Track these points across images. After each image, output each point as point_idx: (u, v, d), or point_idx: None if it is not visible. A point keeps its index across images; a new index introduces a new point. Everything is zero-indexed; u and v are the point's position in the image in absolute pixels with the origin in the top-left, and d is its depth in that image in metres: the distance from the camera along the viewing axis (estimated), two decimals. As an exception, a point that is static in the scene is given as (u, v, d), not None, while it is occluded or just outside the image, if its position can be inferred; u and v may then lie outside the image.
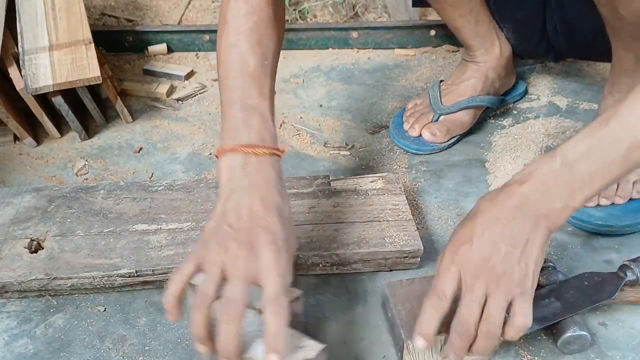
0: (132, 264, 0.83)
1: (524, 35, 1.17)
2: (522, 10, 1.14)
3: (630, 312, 0.83)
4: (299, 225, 0.88)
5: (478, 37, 1.12)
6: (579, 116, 1.22)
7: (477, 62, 1.15)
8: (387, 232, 0.88)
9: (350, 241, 0.86)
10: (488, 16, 1.13)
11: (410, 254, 0.86)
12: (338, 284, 0.87)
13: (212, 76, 1.37)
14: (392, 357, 0.77)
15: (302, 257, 0.84)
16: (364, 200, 0.93)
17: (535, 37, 1.18)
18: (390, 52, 1.45)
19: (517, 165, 1.09)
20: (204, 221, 0.89)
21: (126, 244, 0.86)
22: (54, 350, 0.78)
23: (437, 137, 1.10)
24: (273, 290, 0.61)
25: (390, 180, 0.97)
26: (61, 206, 0.93)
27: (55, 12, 1.22)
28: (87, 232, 0.88)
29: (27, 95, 1.09)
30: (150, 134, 1.19)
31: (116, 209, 0.92)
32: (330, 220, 0.90)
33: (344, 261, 0.86)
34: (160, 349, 0.78)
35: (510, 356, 0.77)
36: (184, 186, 0.96)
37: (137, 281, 0.84)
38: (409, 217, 0.90)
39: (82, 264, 0.83)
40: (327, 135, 1.19)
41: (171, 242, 0.86)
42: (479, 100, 1.13)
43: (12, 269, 0.82)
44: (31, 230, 0.88)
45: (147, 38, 1.43)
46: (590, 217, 0.93)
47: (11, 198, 0.94)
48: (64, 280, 0.82)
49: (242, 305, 0.60)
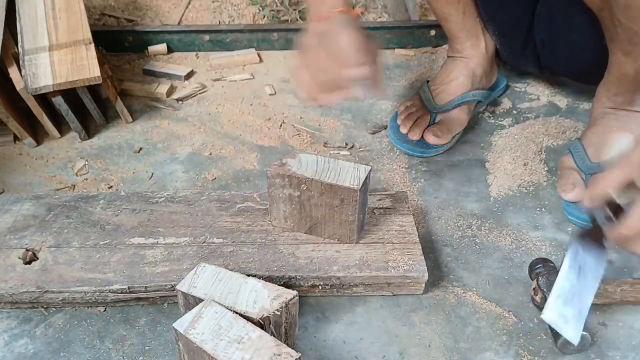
0: (125, 280, 0.81)
1: (508, 40, 1.18)
2: (507, 14, 1.14)
3: (630, 312, 0.83)
4: (300, 244, 0.86)
5: (465, 30, 1.13)
6: (579, 116, 1.22)
7: (463, 57, 1.16)
8: (391, 255, 0.85)
9: (352, 264, 0.83)
10: (476, 12, 1.13)
11: (414, 279, 0.83)
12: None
13: (212, 76, 1.37)
14: (392, 357, 0.77)
15: (300, 278, 0.82)
16: (369, 220, 0.91)
17: (518, 44, 1.18)
18: (390, 52, 1.45)
19: (517, 165, 1.09)
20: (202, 236, 0.87)
21: (121, 258, 0.84)
22: (54, 350, 0.78)
23: (441, 139, 1.11)
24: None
25: (399, 199, 0.94)
26: (59, 215, 0.91)
27: (55, 12, 1.22)
28: (83, 243, 0.87)
29: (27, 95, 1.09)
30: (150, 134, 1.19)
31: (114, 220, 0.91)
32: (332, 240, 0.88)
33: (345, 284, 0.84)
34: (160, 349, 0.78)
35: (510, 356, 0.77)
36: (185, 198, 0.95)
37: (129, 297, 0.82)
38: (415, 239, 0.87)
39: (75, 278, 0.81)
40: (327, 135, 1.19)
41: (167, 257, 0.84)
42: (472, 96, 1.14)
43: (4, 280, 0.81)
44: (27, 240, 0.87)
45: (147, 38, 1.43)
46: None
47: (10, 205, 0.93)
48: (55, 294, 0.80)
49: None
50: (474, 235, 0.95)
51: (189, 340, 0.65)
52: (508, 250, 0.93)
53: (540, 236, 0.95)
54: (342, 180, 0.80)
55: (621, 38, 0.88)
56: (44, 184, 1.06)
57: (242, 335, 0.65)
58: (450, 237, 0.95)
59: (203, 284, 0.73)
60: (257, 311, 0.69)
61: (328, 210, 0.83)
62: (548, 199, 1.02)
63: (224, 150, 1.14)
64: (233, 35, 1.44)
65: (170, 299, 0.83)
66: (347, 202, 0.81)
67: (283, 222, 0.88)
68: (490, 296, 0.86)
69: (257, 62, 1.42)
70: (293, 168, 0.83)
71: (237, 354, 0.63)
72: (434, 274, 0.88)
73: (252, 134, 1.19)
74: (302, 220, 0.87)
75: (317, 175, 0.81)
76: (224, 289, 0.72)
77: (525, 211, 1.00)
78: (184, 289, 0.73)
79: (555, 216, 0.99)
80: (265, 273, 0.81)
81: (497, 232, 0.96)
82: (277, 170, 0.83)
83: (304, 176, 0.81)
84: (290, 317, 0.72)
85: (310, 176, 0.81)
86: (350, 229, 0.84)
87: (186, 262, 0.83)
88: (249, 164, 1.11)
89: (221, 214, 0.91)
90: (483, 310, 0.83)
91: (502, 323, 0.82)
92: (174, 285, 0.79)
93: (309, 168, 0.83)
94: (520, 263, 0.90)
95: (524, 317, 0.82)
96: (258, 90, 1.33)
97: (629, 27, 0.85)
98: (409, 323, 0.82)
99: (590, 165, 0.97)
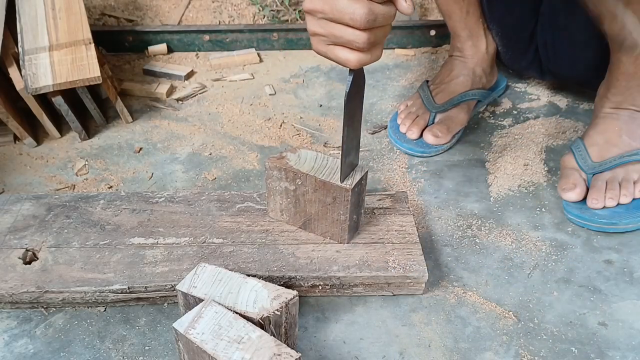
0: (125, 280, 0.81)
1: (511, 42, 1.18)
2: (513, 16, 1.15)
3: (630, 312, 0.83)
4: (300, 244, 0.86)
5: (467, 29, 1.14)
6: (579, 116, 1.22)
7: (464, 57, 1.16)
8: (391, 256, 0.85)
9: (352, 264, 0.83)
10: (479, 12, 1.14)
11: (415, 279, 0.83)
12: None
13: (212, 76, 1.37)
14: (392, 357, 0.77)
15: (300, 278, 0.82)
16: (370, 220, 0.90)
17: (521, 46, 1.19)
18: (390, 52, 1.45)
19: (517, 165, 1.09)
20: (202, 236, 0.87)
21: (121, 258, 0.84)
22: (54, 350, 0.78)
23: (441, 139, 1.11)
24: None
25: (399, 199, 0.94)
26: (59, 215, 0.91)
27: (55, 12, 1.22)
28: (83, 243, 0.87)
29: (27, 95, 1.09)
30: (150, 134, 1.19)
31: (114, 221, 0.90)
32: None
33: (345, 284, 0.84)
34: (160, 349, 0.78)
35: (510, 356, 0.77)
36: (185, 198, 0.94)
37: (129, 297, 0.82)
38: (415, 239, 0.87)
39: (75, 278, 0.81)
40: (327, 135, 1.19)
41: (167, 257, 0.84)
42: (471, 95, 1.15)
43: (4, 280, 0.81)
44: (27, 240, 0.87)
45: (147, 38, 1.43)
46: (594, 215, 0.93)
47: (10, 205, 0.93)
48: (55, 294, 0.80)
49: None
50: (474, 235, 0.95)
51: (189, 340, 0.65)
52: (508, 250, 0.93)
53: (540, 236, 0.95)
54: (336, 178, 0.80)
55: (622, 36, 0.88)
56: (44, 184, 1.06)
57: (242, 335, 0.65)
58: (450, 237, 0.95)
59: (203, 284, 0.73)
60: (257, 311, 0.69)
61: (321, 207, 0.84)
62: (548, 199, 1.02)
63: (224, 150, 1.14)
64: (233, 35, 1.44)
65: (170, 299, 0.83)
66: (339, 201, 0.81)
67: (279, 215, 0.89)
68: (490, 296, 0.86)
69: (257, 62, 1.42)
70: (291, 162, 0.83)
71: (237, 354, 0.63)
72: (434, 274, 0.88)
73: (252, 134, 1.19)
74: (297, 215, 0.87)
75: (313, 171, 0.82)
76: (224, 289, 0.72)
77: (525, 211, 1.00)
78: (184, 289, 0.73)
79: (555, 216, 0.99)
80: (265, 273, 0.81)
81: (497, 232, 0.96)
82: (275, 162, 0.83)
83: (300, 171, 0.82)
84: (290, 317, 0.72)
85: (305, 171, 0.81)
86: (342, 229, 0.84)
87: (186, 262, 0.83)
88: (249, 164, 1.11)
89: (221, 214, 0.91)
90: (483, 310, 0.83)
91: (502, 323, 0.82)
92: (174, 285, 0.79)
93: (306, 163, 0.83)
94: (520, 263, 0.90)
95: (524, 317, 0.82)
96: (258, 90, 1.33)
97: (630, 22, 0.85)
98: (409, 323, 0.82)
99: (591, 165, 0.97)
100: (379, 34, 0.64)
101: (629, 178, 0.95)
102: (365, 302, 0.85)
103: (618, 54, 0.92)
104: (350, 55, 0.65)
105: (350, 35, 0.63)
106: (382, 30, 0.65)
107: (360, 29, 0.62)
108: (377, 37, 0.64)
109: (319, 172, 0.81)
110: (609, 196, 0.93)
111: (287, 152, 0.85)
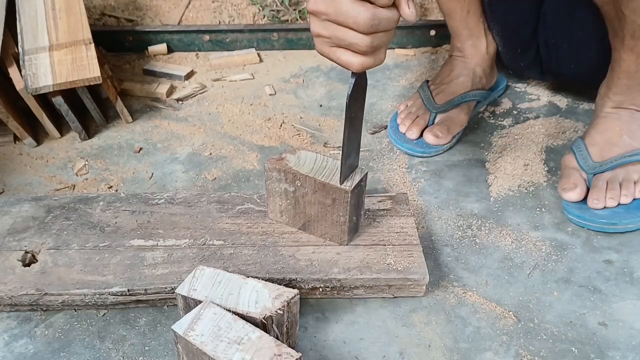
0: (125, 282, 0.80)
1: (512, 42, 1.18)
2: (514, 16, 1.15)
3: (630, 312, 0.83)
4: (301, 245, 0.86)
5: (467, 29, 1.14)
6: (579, 116, 1.22)
7: (464, 56, 1.16)
8: (391, 257, 0.84)
9: (353, 266, 0.83)
10: (480, 12, 1.14)
11: (416, 281, 0.82)
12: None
13: (212, 76, 1.37)
14: (392, 357, 0.77)
15: (300, 280, 0.82)
16: (370, 222, 0.90)
17: (522, 46, 1.19)
18: (390, 52, 1.45)
19: (517, 165, 1.09)
20: (202, 238, 0.87)
21: (120, 260, 0.84)
22: (54, 350, 0.78)
23: (441, 139, 1.11)
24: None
25: (400, 201, 0.94)
26: (59, 217, 0.91)
27: (55, 12, 1.22)
28: (83, 245, 0.86)
29: (27, 95, 1.09)
30: (150, 134, 1.19)
31: (114, 222, 0.90)
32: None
33: (345, 286, 0.83)
34: (160, 349, 0.78)
35: (510, 356, 0.77)
36: (185, 200, 0.94)
37: (129, 300, 0.82)
38: (416, 241, 0.86)
39: (74, 280, 0.81)
40: (327, 135, 1.19)
41: (167, 259, 0.84)
42: (472, 96, 1.15)
43: (3, 282, 0.81)
44: (26, 241, 0.87)
45: (147, 38, 1.43)
46: (594, 215, 0.93)
47: (10, 207, 0.93)
48: (55, 297, 0.80)
49: None
50: (474, 235, 0.95)
51: (188, 342, 0.65)
52: (508, 250, 0.93)
53: (540, 236, 0.95)
54: (335, 180, 0.80)
55: (624, 32, 0.88)
56: (44, 184, 1.06)
57: (242, 336, 0.65)
58: (450, 237, 0.95)
59: (203, 287, 0.73)
60: (259, 311, 0.69)
61: (321, 209, 0.83)
62: (548, 199, 1.02)
63: (224, 150, 1.14)
64: (233, 35, 1.44)
65: (170, 302, 0.83)
66: (339, 203, 0.81)
67: (279, 216, 0.89)
68: (490, 296, 0.86)
69: (257, 62, 1.42)
70: (290, 163, 0.83)
71: (237, 355, 0.63)
72: (434, 274, 0.88)
73: (252, 134, 1.19)
74: (297, 216, 0.87)
75: (313, 172, 0.81)
76: (224, 290, 0.72)
77: (525, 211, 1.00)
78: (184, 292, 0.72)
79: (555, 216, 0.99)
80: (265, 275, 0.81)
81: (497, 232, 0.96)
82: (274, 164, 0.83)
83: (299, 172, 0.82)
84: (291, 316, 0.72)
85: (305, 173, 0.81)
86: (342, 230, 0.84)
87: (186, 265, 0.83)
88: (249, 164, 1.11)
89: (221, 216, 0.91)
90: (483, 310, 0.83)
91: (502, 323, 0.82)
92: (174, 288, 0.79)
93: (306, 165, 0.83)
94: (520, 263, 0.90)
95: (524, 317, 0.82)
96: (258, 90, 1.33)
97: (632, 20, 0.85)
98: (409, 323, 0.82)
99: (592, 165, 0.97)
100: (383, 38, 0.64)
101: (629, 178, 0.95)
102: (365, 302, 0.85)
103: (619, 51, 0.92)
104: (352, 58, 0.65)
105: (353, 38, 0.63)
106: (386, 34, 0.64)
107: (364, 32, 0.62)
108: (381, 41, 0.64)
109: (318, 173, 0.81)
110: (609, 196, 0.93)
111: (287, 154, 0.85)
